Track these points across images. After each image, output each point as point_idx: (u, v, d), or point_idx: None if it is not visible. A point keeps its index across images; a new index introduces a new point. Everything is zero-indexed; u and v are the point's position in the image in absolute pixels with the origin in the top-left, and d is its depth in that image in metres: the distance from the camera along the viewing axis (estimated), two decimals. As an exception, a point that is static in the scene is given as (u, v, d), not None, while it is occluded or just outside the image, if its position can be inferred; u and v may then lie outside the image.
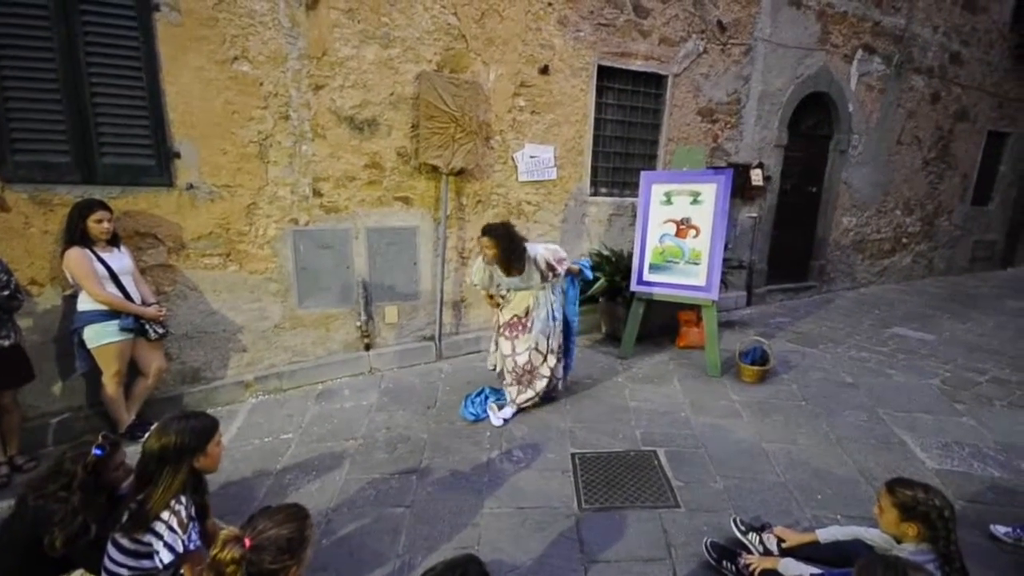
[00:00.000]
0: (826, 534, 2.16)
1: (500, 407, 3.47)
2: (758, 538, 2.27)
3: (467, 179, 4.34)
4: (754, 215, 6.09)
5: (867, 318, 6.06)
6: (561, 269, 3.42)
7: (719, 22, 5.30)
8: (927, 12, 6.94)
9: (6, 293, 2.65)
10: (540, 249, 3.39)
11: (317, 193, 3.78)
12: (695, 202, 4.25)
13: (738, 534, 2.31)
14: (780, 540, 2.23)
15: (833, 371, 4.37)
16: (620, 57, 4.85)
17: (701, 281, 4.23)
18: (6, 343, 2.67)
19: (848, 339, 5.24)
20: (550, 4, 4.42)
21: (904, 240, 7.95)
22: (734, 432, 3.32)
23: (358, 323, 4.08)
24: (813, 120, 6.46)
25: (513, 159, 4.54)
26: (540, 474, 2.85)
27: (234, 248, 3.55)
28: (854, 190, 6.97)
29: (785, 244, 6.55)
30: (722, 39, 5.37)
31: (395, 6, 3.79)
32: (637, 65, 4.95)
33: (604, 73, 4.83)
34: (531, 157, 4.62)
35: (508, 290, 3.49)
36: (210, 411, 3.29)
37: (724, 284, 4.72)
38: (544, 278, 3.40)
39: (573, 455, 3.03)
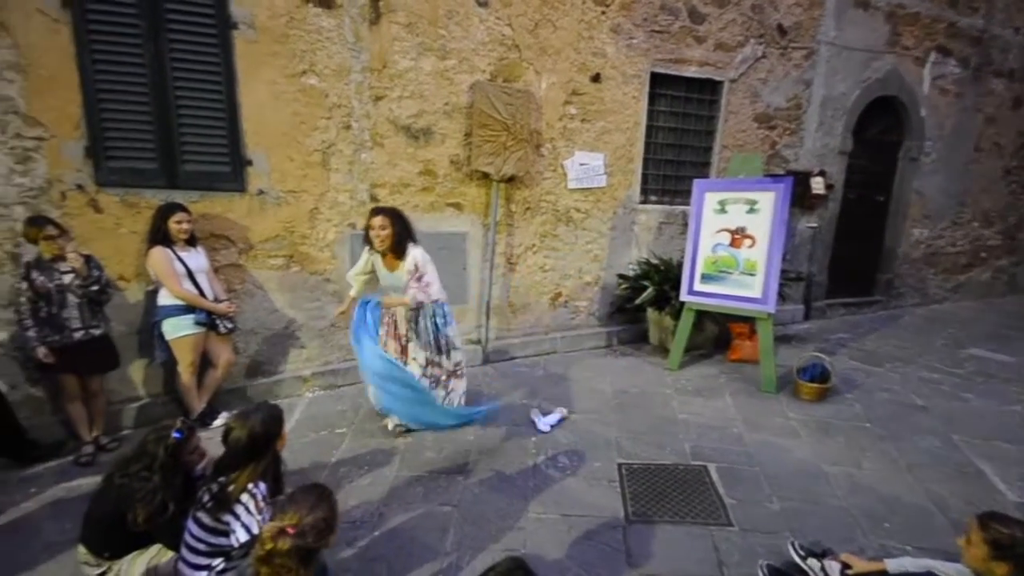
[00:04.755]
0: (895, 564, 2.03)
1: (545, 413, 3.46)
2: (819, 564, 2.15)
3: (517, 186, 4.39)
4: (814, 225, 5.82)
5: (940, 337, 5.64)
6: (423, 292, 3.02)
7: (779, 26, 5.13)
8: (1007, 12, 6.45)
9: (96, 288, 2.90)
10: (418, 252, 3.05)
11: (374, 199, 3.92)
12: (751, 211, 4.11)
13: (796, 558, 2.21)
14: (845, 567, 2.11)
15: (902, 392, 4.10)
16: (674, 64, 4.78)
17: (757, 293, 4.08)
18: (96, 332, 2.94)
19: (918, 359, 4.89)
20: (603, 12, 4.42)
21: (983, 254, 7.35)
22: (791, 451, 3.18)
23: (408, 325, 4.19)
24: (881, 126, 6.11)
25: (563, 166, 4.56)
26: (586, 482, 2.83)
27: (297, 250, 3.74)
28: (926, 200, 6.53)
29: (848, 256, 6.21)
30: (782, 43, 5.19)
31: (452, 19, 3.91)
32: (691, 71, 4.86)
33: (657, 80, 4.78)
34: (581, 164, 4.62)
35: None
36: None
37: (781, 296, 4.53)
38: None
39: (620, 465, 2.98)
